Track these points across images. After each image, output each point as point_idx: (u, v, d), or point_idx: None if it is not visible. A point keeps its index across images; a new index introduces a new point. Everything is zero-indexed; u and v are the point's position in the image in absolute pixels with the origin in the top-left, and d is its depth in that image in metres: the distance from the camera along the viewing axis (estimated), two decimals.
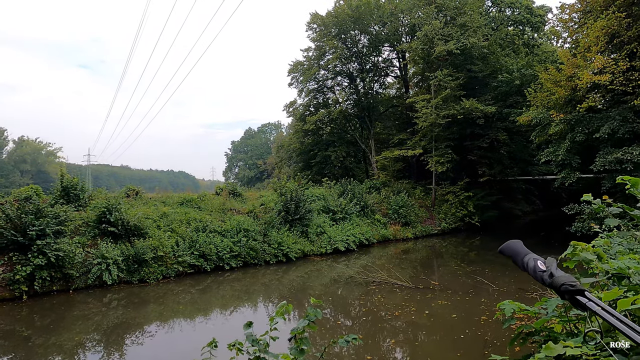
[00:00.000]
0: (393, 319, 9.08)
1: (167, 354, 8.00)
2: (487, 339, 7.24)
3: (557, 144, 17.35)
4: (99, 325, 9.63)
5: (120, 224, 13.51)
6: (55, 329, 9.26)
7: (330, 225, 19.10)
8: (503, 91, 24.71)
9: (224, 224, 16.08)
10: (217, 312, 10.90)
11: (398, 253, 18.73)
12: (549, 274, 1.09)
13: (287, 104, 34.41)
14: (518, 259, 1.19)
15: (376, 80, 33.18)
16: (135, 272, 13.00)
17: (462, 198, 24.55)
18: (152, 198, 18.22)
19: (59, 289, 11.89)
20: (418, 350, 7.37)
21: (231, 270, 14.75)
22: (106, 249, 12.69)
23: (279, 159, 43.61)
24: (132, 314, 10.45)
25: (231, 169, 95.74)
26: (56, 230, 12.16)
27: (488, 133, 24.56)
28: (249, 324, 2.99)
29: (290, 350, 2.97)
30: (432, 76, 24.05)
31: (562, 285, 1.03)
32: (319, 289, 12.72)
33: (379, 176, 30.44)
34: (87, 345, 8.59)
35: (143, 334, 9.26)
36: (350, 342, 2.95)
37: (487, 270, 13.60)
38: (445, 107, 23.25)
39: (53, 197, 14.57)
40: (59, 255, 11.57)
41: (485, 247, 20.18)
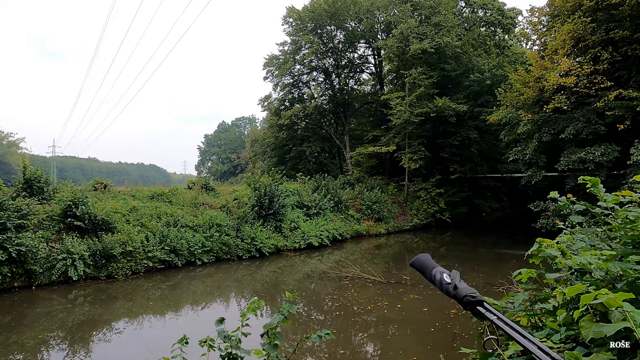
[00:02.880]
0: (365, 313, 9.18)
1: (135, 351, 7.83)
2: (455, 332, 7.43)
3: (525, 143, 17.91)
4: (63, 323, 9.33)
5: (87, 218, 13.08)
6: (16, 327, 8.90)
7: (304, 221, 19.11)
8: (475, 90, 25.31)
9: (196, 219, 15.82)
10: (188, 308, 10.75)
11: (371, 248, 18.94)
12: (453, 286, 1.14)
13: (262, 98, 34.14)
14: (427, 272, 1.24)
15: (351, 76, 33.30)
16: (103, 267, 12.64)
17: (434, 194, 25.05)
18: (121, 192, 17.70)
19: (20, 285, 11.43)
20: (390, 344, 7.49)
21: (203, 266, 14.56)
22: (72, 244, 12.27)
23: (253, 153, 43.27)
24: (99, 310, 10.17)
25: (204, 163, 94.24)
26: (18, 224, 11.66)
27: (460, 131, 25.12)
28: (221, 320, 2.96)
29: (262, 346, 2.95)
30: (406, 74, 24.33)
31: (465, 296, 1.09)
32: (292, 284, 12.71)
33: (353, 172, 30.64)
34: (51, 343, 8.31)
35: (111, 330, 9.02)
36: (323, 337, 2.96)
37: (457, 265, 13.95)
38: (419, 105, 23.59)
39: (15, 189, 13.93)
40: (21, 251, 11.12)
41: (456, 243, 20.69)
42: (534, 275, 1.92)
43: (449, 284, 1.14)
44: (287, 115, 29.83)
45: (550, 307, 1.82)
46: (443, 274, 1.18)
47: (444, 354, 5.20)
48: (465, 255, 17.11)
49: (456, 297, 1.11)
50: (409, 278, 12.23)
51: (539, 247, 1.88)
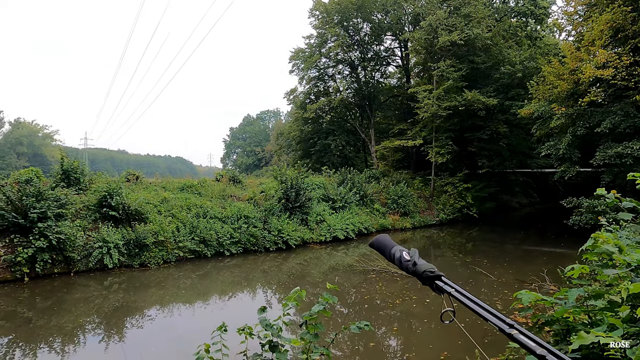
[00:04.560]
0: (393, 307, 9.18)
1: (166, 338, 8.06)
2: (486, 328, 7.33)
3: (558, 138, 17.39)
4: (99, 308, 9.70)
5: (121, 208, 13.53)
6: (56, 311, 9.31)
7: (329, 214, 19.18)
8: (505, 83, 24.68)
9: (225, 211, 16.12)
10: (217, 297, 10.99)
11: (397, 242, 18.82)
12: (412, 263, 1.16)
13: (288, 91, 34.24)
14: (386, 251, 1.26)
15: (377, 69, 32.99)
16: (136, 256, 13.06)
17: (461, 189, 24.67)
18: (152, 183, 18.19)
19: (60, 271, 11.94)
20: (419, 338, 7.48)
21: (231, 257, 14.84)
22: (107, 233, 12.72)
23: (278, 146, 43.54)
24: (133, 297, 10.51)
25: (229, 156, 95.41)
26: (57, 213, 12.16)
27: (489, 125, 24.60)
28: (263, 309, 3.04)
29: (302, 335, 3.02)
30: (434, 67, 23.94)
31: (424, 272, 1.12)
32: (318, 276, 12.81)
33: (378, 166, 30.47)
34: (88, 327, 8.66)
35: (143, 317, 9.32)
36: (362, 328, 3.00)
37: (485, 261, 13.72)
38: (446, 98, 23.20)
39: (53, 180, 14.53)
40: (60, 238, 11.60)
41: (483, 239, 20.35)
42: (587, 271, 1.90)
43: (408, 261, 1.17)
44: (313, 109, 29.85)
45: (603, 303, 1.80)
46: (402, 252, 1.21)
47: (476, 348, 5.14)
48: (493, 251, 16.82)
49: (416, 273, 1.14)
50: None
51: (594, 243, 1.85)
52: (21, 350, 7.47)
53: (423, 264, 1.14)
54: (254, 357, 3.00)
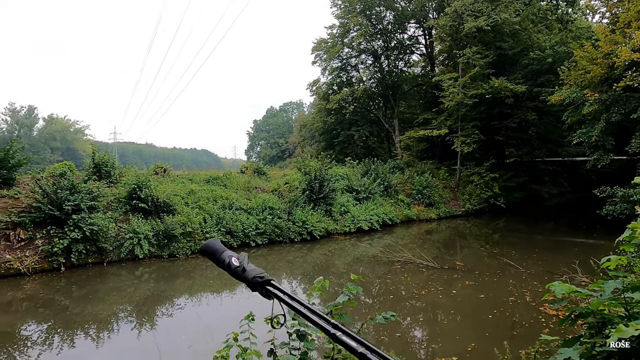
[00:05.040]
0: (419, 298, 9.13)
1: (195, 326, 8.27)
2: (515, 320, 7.23)
3: (591, 125, 16.76)
4: (131, 297, 10.03)
5: (150, 200, 13.89)
6: (91, 299, 9.69)
7: (353, 205, 19.16)
8: (534, 69, 23.86)
9: (250, 202, 16.33)
10: (244, 287, 11.15)
11: (422, 233, 18.69)
12: (241, 268, 1.13)
13: (311, 82, 34.18)
14: (216, 257, 1.21)
15: (401, 58, 32.49)
16: (165, 246, 13.41)
17: (488, 179, 24.17)
18: (179, 175, 18.60)
19: (94, 261, 12.40)
20: (445, 330, 7.42)
21: (257, 247, 15.06)
22: (137, 224, 13.11)
23: (301, 138, 43.60)
24: (163, 287, 10.82)
25: (253, 148, 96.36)
26: (90, 205, 12.60)
27: (517, 113, 23.91)
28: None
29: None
30: (459, 54, 23.37)
31: (253, 278, 1.09)
32: (342, 267, 12.85)
33: (402, 156, 30.16)
34: (121, 315, 8.98)
35: (173, 306, 9.58)
36: (388, 318, 3.00)
37: (514, 252, 13.45)
38: (473, 86, 22.65)
39: (86, 173, 15.04)
40: (93, 230, 12.03)
41: (510, 229, 19.93)
42: (624, 263, 1.84)
43: (237, 267, 1.14)
44: (336, 99, 29.71)
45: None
46: (231, 257, 1.17)
47: (504, 340, 5.06)
48: (522, 242, 16.45)
49: (245, 279, 1.11)
50: (462, 264, 11.99)
51: (631, 234, 1.79)
52: (59, 336, 7.83)
53: (252, 269, 1.12)
54: (281, 345, 3.06)
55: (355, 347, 0.85)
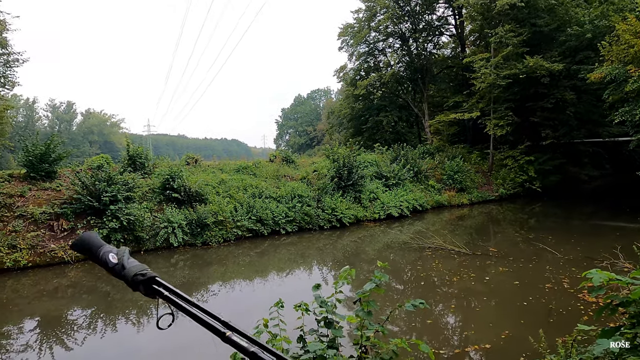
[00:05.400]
0: (450, 284, 8.99)
1: (230, 312, 8.47)
2: (552, 307, 7.00)
3: (635, 103, 15.83)
4: (168, 284, 10.37)
5: (182, 190, 14.25)
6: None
7: (383, 191, 19.01)
8: (572, 46, 22.66)
9: (279, 190, 16.48)
10: (275, 274, 11.33)
11: (453, 219, 18.35)
12: (120, 265, 1.01)
13: (337, 68, 33.87)
14: (92, 253, 1.06)
15: (430, 40, 31.60)
16: (199, 235, 13.77)
17: (523, 162, 23.38)
18: (210, 165, 18.96)
19: (132, 250, 12.79)
20: (478, 317, 7.29)
21: (287, 235, 15.22)
22: (171, 214, 13.50)
23: (329, 125, 43.43)
24: (197, 274, 11.14)
25: (282, 136, 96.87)
26: (126, 196, 13.07)
27: (553, 92, 22.86)
28: (317, 286, 3.08)
29: (356, 312, 3.04)
30: (491, 33, 22.50)
31: (135, 275, 0.98)
32: (372, 253, 12.82)
33: (432, 141, 29.57)
34: (159, 301, 9.30)
35: (207, 292, 9.85)
36: (417, 306, 2.96)
37: (550, 237, 12.99)
38: (506, 66, 21.82)
39: (121, 165, 15.58)
40: (130, 219, 12.48)
41: (547, 214, 19.26)
42: None
43: (115, 264, 1.02)
44: (363, 85, 29.33)
45: None
46: (109, 254, 1.04)
47: (540, 328, 4.91)
48: (559, 226, 15.88)
49: (125, 277, 0.99)
50: (495, 250, 11.70)
51: None
52: (102, 320, 8.22)
53: (133, 265, 1.01)
54: (310, 332, 3.08)
55: (246, 346, 0.84)
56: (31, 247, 11.56)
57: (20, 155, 14.02)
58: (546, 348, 4.00)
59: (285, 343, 3.03)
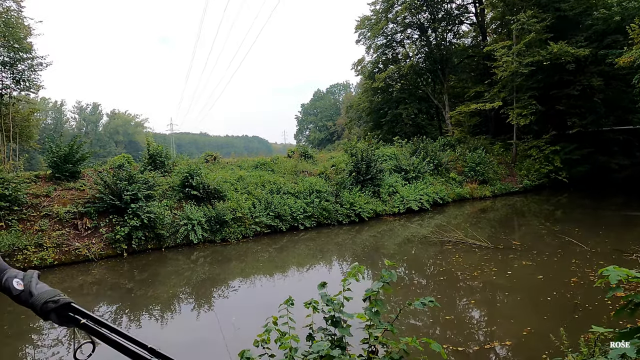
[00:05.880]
0: (471, 279, 8.78)
1: (251, 307, 8.49)
2: (577, 303, 6.73)
3: None
4: (189, 280, 10.52)
5: (201, 187, 14.40)
6: (152, 283, 10.27)
7: (402, 185, 18.76)
8: (599, 30, 21.74)
9: (297, 186, 16.47)
10: (294, 270, 11.33)
11: (475, 212, 17.96)
12: (27, 293, 0.88)
13: (355, 62, 33.59)
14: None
15: (449, 29, 30.92)
16: (218, 232, 13.89)
17: (548, 152, 22.68)
18: (228, 162, 19.11)
19: (152, 247, 13.12)
20: (499, 312, 7.09)
21: (305, 230, 15.21)
22: (190, 211, 13.66)
23: (348, 119, 43.18)
24: (217, 270, 11.25)
25: (302, 132, 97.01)
26: (147, 194, 13.28)
27: (579, 79, 22.03)
28: (323, 284, 3.01)
29: (365, 311, 2.95)
30: (513, 20, 21.85)
31: (45, 303, 0.86)
32: (392, 248, 12.67)
33: (453, 133, 29.02)
34: (181, 297, 9.44)
35: (228, 288, 9.94)
36: (426, 304, 2.85)
37: (577, 229, 12.55)
38: (528, 54, 21.14)
39: (142, 164, 15.85)
40: (151, 217, 12.69)
41: (574, 205, 18.65)
42: None
43: (21, 291, 0.89)
44: (382, 78, 28.97)
45: None
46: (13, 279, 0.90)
47: (564, 325, 4.71)
48: (586, 218, 15.34)
49: (33, 306, 0.87)
50: (519, 243, 11.38)
51: None
52: (127, 316, 8.39)
53: (43, 292, 0.89)
54: (318, 330, 3.01)
55: None
56: (57, 245, 11.91)
57: (45, 156, 14.44)
58: (568, 346, 3.82)
59: (294, 342, 2.97)
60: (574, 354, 3.63)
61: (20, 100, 21.61)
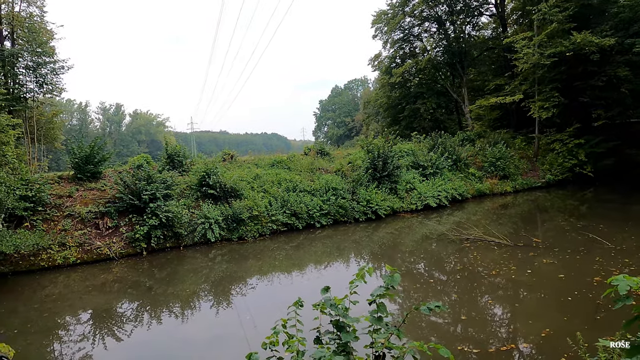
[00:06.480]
0: (490, 277, 8.60)
1: (268, 305, 8.53)
2: (599, 303, 6.49)
3: None
4: (207, 278, 10.65)
5: (218, 186, 14.53)
6: (171, 281, 10.43)
7: (420, 181, 18.52)
8: (625, 18, 20.87)
9: (313, 183, 16.45)
10: (312, 268, 11.31)
11: (495, 208, 17.59)
12: None
13: (372, 57, 33.31)
14: None
15: (468, 22, 30.28)
16: (234, 230, 14.00)
17: (572, 146, 21.98)
18: (245, 161, 19.22)
19: (171, 245, 13.33)
20: (518, 312, 6.91)
21: (322, 228, 15.18)
22: (208, 210, 13.81)
23: (366, 115, 42.90)
24: (234, 268, 11.34)
25: (320, 128, 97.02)
26: (165, 193, 13.48)
27: (605, 70, 21.22)
28: (326, 289, 2.96)
29: (371, 314, 2.90)
30: (534, 10, 21.20)
31: None
32: (409, 245, 12.53)
33: (473, 127, 28.48)
34: (200, 294, 9.58)
35: (246, 286, 10.00)
36: (432, 309, 2.78)
37: (602, 226, 12.14)
38: (550, 45, 20.51)
39: (160, 164, 16.10)
40: (169, 216, 12.88)
41: (600, 200, 18.06)
42: None
43: None
44: (399, 73, 28.65)
45: None
46: None
47: (585, 326, 4.54)
48: (613, 213, 14.83)
49: None
50: (540, 241, 11.08)
51: None
52: (148, 313, 8.56)
53: None
54: (325, 333, 2.98)
55: None
56: (79, 244, 12.22)
57: (68, 157, 14.82)
58: (586, 351, 3.68)
59: (301, 345, 2.95)
60: (593, 358, 3.50)
61: (43, 103, 22.24)
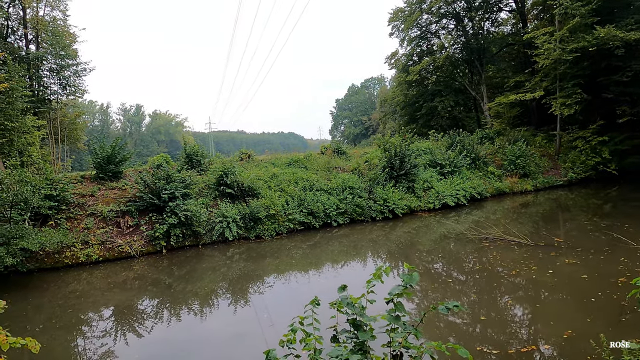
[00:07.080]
0: (510, 277, 8.46)
1: (285, 303, 8.58)
2: (624, 305, 6.31)
3: None
4: (225, 276, 10.76)
5: (235, 185, 14.68)
6: (190, 278, 10.58)
7: (437, 180, 18.33)
8: None
9: (330, 182, 16.46)
10: (329, 266, 11.31)
11: (515, 207, 17.28)
12: None
13: (389, 55, 33.11)
14: None
15: (487, 17, 29.81)
16: (252, 229, 14.13)
17: (595, 143, 21.42)
18: (262, 160, 19.35)
19: (190, 244, 13.53)
20: (539, 313, 6.77)
21: (338, 227, 15.18)
22: (225, 209, 13.96)
23: (382, 114, 42.65)
24: (252, 266, 11.43)
25: (337, 127, 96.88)
26: (183, 193, 13.69)
27: (630, 64, 20.59)
28: (343, 287, 2.97)
29: (388, 313, 2.89)
30: (556, 4, 20.72)
31: None
32: (427, 244, 12.42)
33: (492, 125, 28.04)
34: (218, 292, 9.70)
35: (263, 284, 10.06)
36: (450, 309, 2.75)
37: (627, 225, 11.81)
38: (572, 40, 20.02)
39: (179, 163, 16.35)
40: (187, 215, 13.07)
41: (624, 199, 17.55)
42: None
43: None
44: (416, 70, 28.40)
45: None
46: None
47: (609, 328, 4.41)
48: (638, 213, 14.39)
49: None
50: (562, 240, 10.84)
51: None
52: (168, 310, 8.70)
53: None
54: (342, 332, 2.98)
55: None
56: (101, 242, 12.52)
57: (90, 157, 15.18)
58: (610, 353, 3.59)
59: (318, 343, 2.96)
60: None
61: (67, 104, 22.83)
